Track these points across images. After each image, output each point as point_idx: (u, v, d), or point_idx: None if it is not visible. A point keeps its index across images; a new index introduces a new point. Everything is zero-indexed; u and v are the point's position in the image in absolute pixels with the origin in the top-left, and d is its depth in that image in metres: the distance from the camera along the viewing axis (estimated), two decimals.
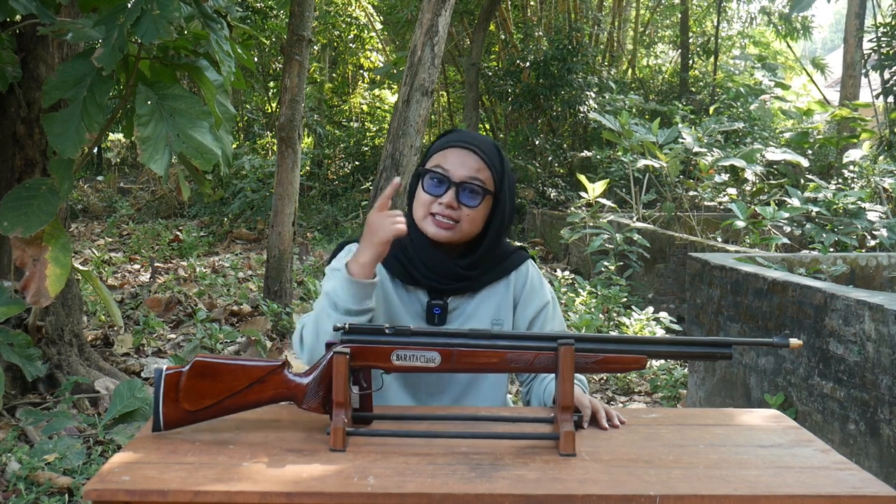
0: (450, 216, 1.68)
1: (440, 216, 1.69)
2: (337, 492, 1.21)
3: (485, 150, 1.72)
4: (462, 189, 1.69)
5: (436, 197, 1.69)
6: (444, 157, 1.71)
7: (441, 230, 1.69)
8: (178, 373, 1.41)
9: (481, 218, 1.73)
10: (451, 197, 1.68)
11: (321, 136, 13.46)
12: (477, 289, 1.77)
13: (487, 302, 1.78)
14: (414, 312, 1.75)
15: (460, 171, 1.69)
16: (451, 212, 1.68)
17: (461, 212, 1.69)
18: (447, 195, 1.68)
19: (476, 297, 1.78)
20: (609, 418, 1.57)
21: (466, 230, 1.71)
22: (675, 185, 8.30)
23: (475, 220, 1.71)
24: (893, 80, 8.55)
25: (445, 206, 1.68)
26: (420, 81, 5.57)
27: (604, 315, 5.59)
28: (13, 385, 3.66)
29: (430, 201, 1.70)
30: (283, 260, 5.96)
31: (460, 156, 1.70)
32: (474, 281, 1.76)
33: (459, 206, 1.69)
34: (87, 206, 12.68)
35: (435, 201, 1.69)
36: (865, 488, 1.26)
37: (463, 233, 1.71)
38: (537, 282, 1.84)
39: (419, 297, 1.75)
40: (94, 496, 1.21)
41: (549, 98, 11.73)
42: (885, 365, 2.65)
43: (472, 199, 1.69)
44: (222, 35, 2.99)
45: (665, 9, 16.92)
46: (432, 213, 1.70)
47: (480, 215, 1.72)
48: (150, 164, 2.79)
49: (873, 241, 6.28)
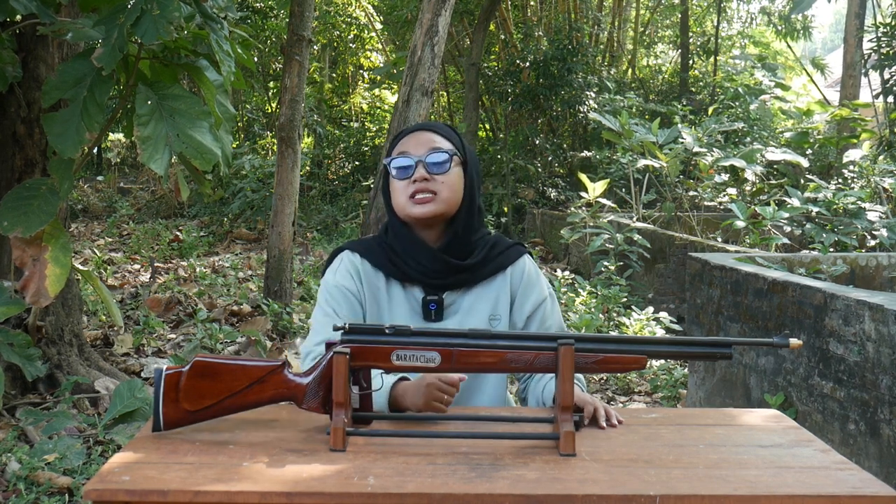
0: (426, 189, 1.71)
1: (418, 194, 1.71)
2: (337, 492, 1.21)
3: (434, 126, 1.79)
4: (427, 160, 1.72)
5: (408, 179, 1.72)
6: (402, 146, 1.76)
7: (424, 206, 1.71)
8: (178, 373, 1.41)
9: (457, 183, 1.75)
10: (420, 171, 1.71)
11: (321, 136, 13.45)
12: (473, 283, 1.77)
13: (484, 297, 1.78)
14: (410, 309, 1.75)
15: (420, 148, 1.73)
16: (426, 184, 1.71)
17: (435, 182, 1.71)
18: (417, 171, 1.71)
19: (472, 292, 1.78)
20: (608, 418, 1.57)
21: (447, 197, 1.73)
22: (675, 185, 8.30)
23: (452, 185, 1.74)
24: (893, 80, 8.55)
25: (420, 182, 1.70)
26: (420, 81, 5.57)
27: (604, 315, 5.59)
28: (13, 385, 3.66)
29: (404, 186, 1.72)
30: (283, 260, 5.96)
31: (416, 138, 1.75)
32: (470, 274, 1.76)
33: (432, 177, 1.71)
34: (87, 206, 12.68)
35: (408, 183, 1.72)
36: (865, 488, 1.26)
37: (446, 202, 1.73)
38: (535, 276, 1.84)
39: (415, 294, 1.76)
40: (94, 496, 1.21)
41: (549, 98, 11.72)
42: (885, 365, 2.65)
43: (440, 167, 1.72)
44: (222, 35, 2.98)
45: (665, 9, 16.91)
46: (410, 195, 1.71)
47: (455, 180, 1.75)
48: (149, 163, 2.79)
49: (873, 241, 6.28)
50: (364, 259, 1.78)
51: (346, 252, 1.80)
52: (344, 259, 1.79)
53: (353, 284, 1.76)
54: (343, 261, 1.79)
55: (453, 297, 1.77)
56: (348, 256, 1.79)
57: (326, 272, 1.81)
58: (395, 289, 1.77)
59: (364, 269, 1.77)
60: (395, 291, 1.77)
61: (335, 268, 1.79)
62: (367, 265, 1.77)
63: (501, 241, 1.83)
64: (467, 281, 1.77)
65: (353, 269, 1.77)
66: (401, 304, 1.76)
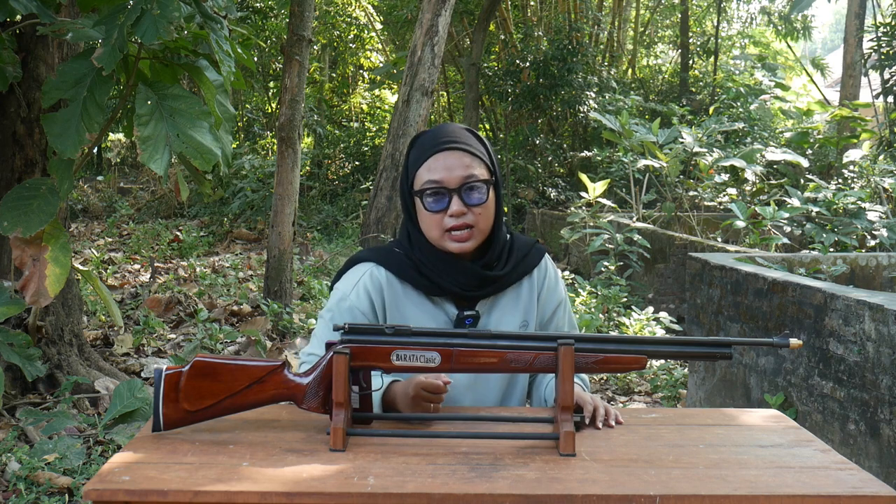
0: (464, 224, 1.61)
1: (455, 230, 1.61)
2: (337, 492, 1.21)
3: (464, 141, 1.64)
4: (464, 192, 1.61)
5: (442, 211, 1.61)
6: (429, 170, 1.62)
7: (462, 243, 1.62)
8: (178, 373, 1.41)
9: (493, 206, 1.66)
10: (457, 205, 1.60)
11: (321, 136, 13.46)
12: (501, 289, 1.70)
13: (514, 305, 1.72)
14: (442, 324, 1.67)
15: (454, 176, 1.60)
16: (464, 219, 1.61)
17: (472, 214, 1.61)
18: (453, 205, 1.60)
19: (502, 300, 1.72)
20: (607, 417, 1.56)
21: (484, 228, 1.64)
22: (675, 185, 8.30)
23: (488, 215, 1.64)
24: (893, 80, 8.55)
25: (457, 217, 1.60)
26: (420, 81, 5.58)
27: (604, 315, 5.59)
28: (13, 385, 3.66)
29: (439, 219, 1.61)
30: (283, 260, 5.96)
31: (445, 160, 1.62)
32: (501, 282, 1.69)
33: (469, 210, 1.61)
34: (87, 206, 12.68)
35: (443, 216, 1.61)
36: (865, 488, 1.26)
37: (482, 233, 1.64)
38: (555, 278, 1.80)
39: (446, 309, 1.68)
40: (94, 496, 1.21)
41: (549, 98, 11.73)
42: (885, 365, 2.65)
43: (477, 199, 1.62)
44: (222, 35, 2.98)
45: (665, 9, 16.92)
46: (446, 229, 1.62)
47: (491, 207, 1.65)
48: (149, 163, 2.78)
49: (873, 241, 6.28)
50: (390, 272, 1.68)
51: (371, 266, 1.69)
52: (365, 275, 1.68)
53: (367, 306, 1.66)
54: (364, 277, 1.68)
55: (484, 307, 1.70)
56: (372, 271, 1.68)
57: (342, 280, 1.72)
58: (422, 301, 1.68)
59: (389, 282, 1.67)
60: (422, 304, 1.68)
61: (353, 282, 1.68)
62: (394, 279, 1.68)
63: (520, 241, 1.76)
64: (497, 288, 1.70)
65: (374, 287, 1.67)
66: (430, 318, 1.67)
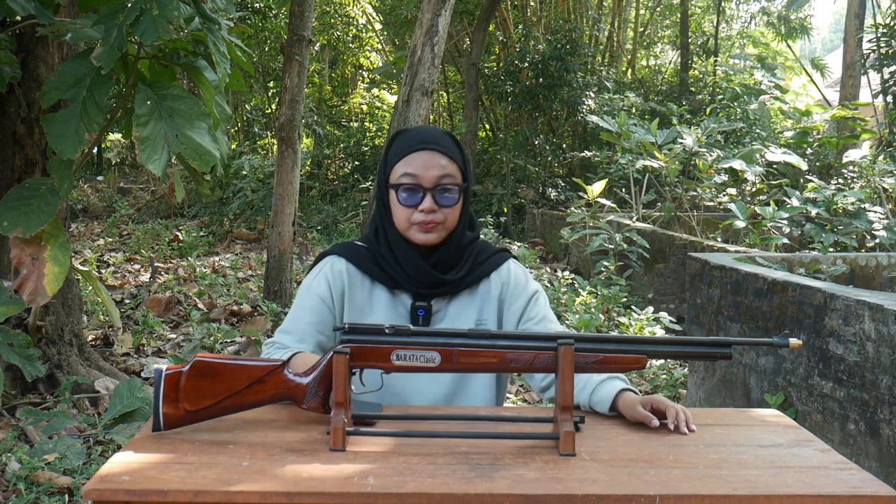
0: (432, 220, 1.70)
1: (423, 223, 1.71)
2: (337, 492, 1.21)
3: (443, 144, 1.74)
4: (437, 192, 1.70)
5: (413, 206, 1.71)
6: (408, 164, 1.71)
7: (427, 234, 1.71)
8: (178, 373, 1.41)
9: (458, 212, 1.76)
10: (429, 202, 1.70)
11: (321, 136, 13.46)
12: (458, 290, 1.79)
13: (470, 303, 1.80)
14: (396, 314, 1.76)
15: (430, 175, 1.70)
16: (433, 216, 1.70)
17: (441, 213, 1.71)
18: (425, 202, 1.70)
19: (458, 299, 1.79)
20: (688, 422, 1.53)
21: (449, 226, 1.74)
22: (674, 185, 8.31)
23: (456, 213, 1.75)
24: (892, 79, 8.55)
25: (427, 213, 1.70)
26: (420, 81, 5.58)
27: (604, 315, 5.59)
28: (13, 385, 3.66)
29: (409, 212, 1.71)
30: (283, 260, 5.96)
31: (423, 158, 1.71)
32: (455, 284, 1.78)
33: (439, 209, 1.71)
34: (87, 206, 12.68)
35: (414, 210, 1.71)
36: (865, 488, 1.26)
37: (449, 229, 1.74)
38: (522, 279, 1.85)
39: (403, 301, 1.77)
40: (94, 496, 1.20)
41: (549, 98, 11.73)
42: (885, 365, 2.65)
43: (449, 199, 1.72)
44: (220, 35, 2.98)
45: (665, 9, 16.93)
46: (414, 222, 1.71)
47: (459, 210, 1.76)
48: (147, 164, 2.78)
49: (873, 241, 6.29)
50: (350, 263, 1.78)
51: (332, 257, 1.81)
52: (326, 265, 1.80)
53: (326, 292, 1.76)
54: (325, 267, 1.80)
55: (440, 305, 1.78)
56: (332, 262, 1.80)
57: (308, 274, 1.83)
58: (380, 293, 1.77)
59: (349, 273, 1.77)
60: (380, 296, 1.77)
61: (316, 272, 1.80)
62: (353, 269, 1.78)
63: (486, 249, 1.85)
64: (453, 289, 1.79)
65: (334, 275, 1.77)
66: (386, 309, 1.76)
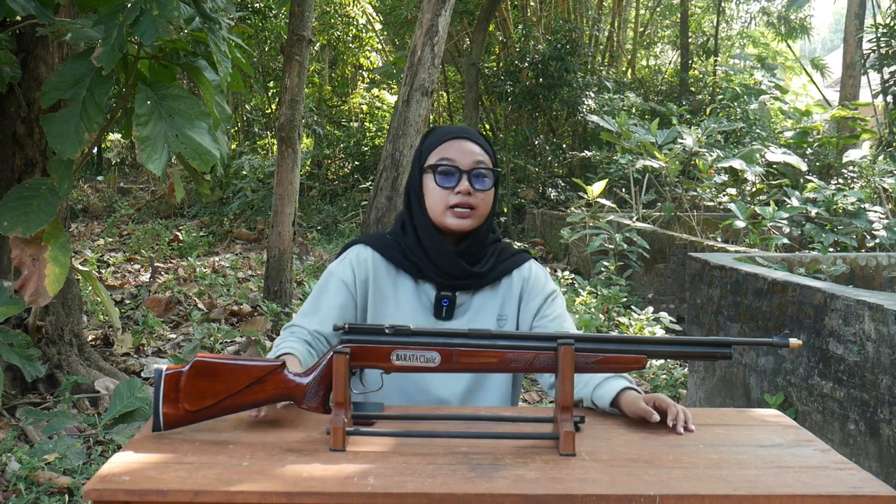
0: (468, 203, 1.74)
1: (459, 207, 1.74)
2: (337, 492, 1.21)
3: (474, 135, 1.82)
4: (473, 175, 1.75)
5: (450, 189, 1.75)
6: (445, 151, 1.77)
7: (462, 220, 1.75)
8: (178, 373, 1.41)
9: (492, 199, 1.81)
10: (465, 184, 1.74)
11: (321, 136, 13.45)
12: (481, 285, 1.82)
13: (492, 298, 1.83)
14: (419, 304, 1.79)
15: (466, 160, 1.76)
16: (468, 199, 1.74)
17: (476, 197, 1.75)
18: (462, 183, 1.74)
19: (481, 293, 1.82)
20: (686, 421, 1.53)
21: (482, 213, 1.78)
22: (674, 185, 8.31)
23: (488, 202, 1.79)
24: (892, 79, 8.55)
25: (464, 195, 1.74)
26: (420, 81, 5.58)
27: (604, 315, 5.59)
28: (13, 385, 3.66)
29: (446, 194, 1.75)
30: (283, 260, 5.96)
31: (459, 146, 1.77)
32: (480, 278, 1.80)
33: (474, 192, 1.75)
34: (87, 206, 12.68)
35: (450, 193, 1.75)
36: (865, 488, 1.26)
37: (480, 217, 1.78)
38: (542, 278, 1.88)
39: (427, 291, 1.80)
40: (94, 496, 1.21)
41: (549, 98, 11.73)
42: (885, 365, 2.65)
43: (483, 184, 1.76)
44: (220, 35, 2.98)
45: (665, 9, 16.93)
46: (450, 205, 1.75)
47: (491, 197, 1.80)
48: (147, 164, 2.78)
49: (873, 241, 6.29)
50: (376, 252, 1.81)
51: (359, 245, 1.84)
52: (351, 252, 1.83)
53: (350, 277, 1.79)
54: (350, 254, 1.83)
55: (463, 298, 1.81)
56: (358, 249, 1.83)
57: (333, 261, 1.87)
58: (405, 283, 1.80)
59: (375, 261, 1.80)
60: (405, 286, 1.80)
61: (341, 259, 1.84)
62: (379, 258, 1.81)
63: (508, 249, 1.90)
64: (476, 284, 1.81)
65: (359, 262, 1.80)
66: (410, 298, 1.79)
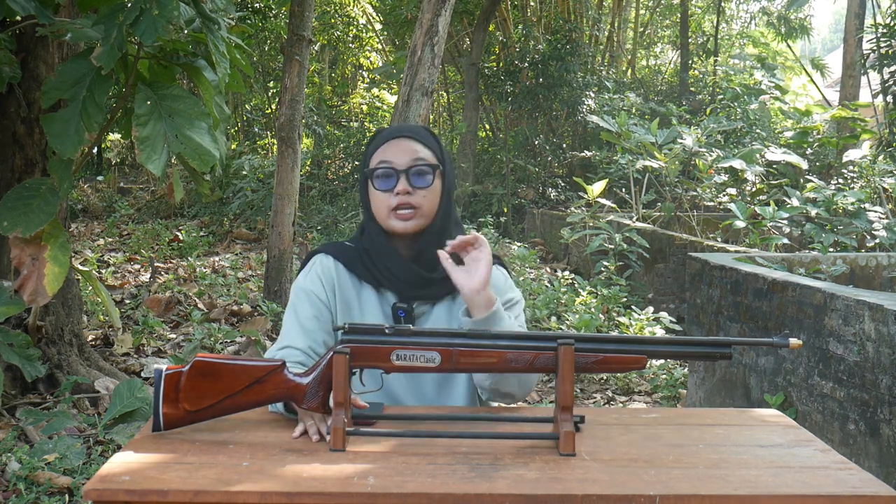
0: (408, 203, 1.71)
1: (400, 209, 1.71)
2: (337, 492, 1.21)
3: (415, 132, 1.78)
4: (411, 174, 1.72)
5: (390, 191, 1.72)
6: (383, 153, 1.74)
7: (406, 222, 1.72)
8: (178, 373, 1.41)
9: (437, 196, 1.76)
10: (403, 184, 1.71)
11: (321, 136, 13.45)
12: (442, 295, 1.77)
13: (453, 307, 1.77)
14: (382, 314, 1.76)
15: (403, 159, 1.72)
16: (409, 198, 1.71)
17: (417, 196, 1.72)
18: (399, 184, 1.71)
19: (441, 304, 1.77)
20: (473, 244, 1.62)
21: (427, 211, 1.74)
22: (674, 185, 8.31)
23: (432, 199, 1.75)
24: (892, 79, 8.55)
25: (402, 195, 1.70)
26: (420, 81, 5.58)
27: (604, 315, 5.59)
28: (13, 385, 3.66)
29: (386, 197, 1.72)
30: (283, 260, 5.96)
31: (397, 146, 1.75)
32: (438, 288, 1.75)
33: (414, 191, 1.71)
34: (87, 206, 12.67)
35: (391, 195, 1.72)
36: (865, 488, 1.26)
37: (425, 216, 1.74)
38: (502, 284, 1.80)
39: (388, 299, 1.77)
40: (94, 496, 1.21)
41: (549, 98, 11.73)
42: (885, 365, 2.65)
43: (422, 180, 1.72)
44: (219, 36, 2.98)
45: (665, 9, 16.93)
46: (392, 208, 1.71)
47: (435, 193, 1.75)
48: (147, 164, 2.78)
49: (873, 241, 6.29)
50: (338, 262, 1.78)
51: (320, 256, 1.81)
52: (316, 263, 1.80)
53: (319, 287, 1.76)
54: (315, 265, 1.80)
55: (423, 308, 1.76)
56: (321, 260, 1.80)
57: (299, 275, 1.82)
58: (368, 293, 1.77)
59: (337, 271, 1.77)
60: (367, 295, 1.77)
61: (307, 271, 1.80)
62: (341, 268, 1.78)
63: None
64: (437, 294, 1.76)
65: (325, 274, 1.77)
66: (373, 307, 1.76)
